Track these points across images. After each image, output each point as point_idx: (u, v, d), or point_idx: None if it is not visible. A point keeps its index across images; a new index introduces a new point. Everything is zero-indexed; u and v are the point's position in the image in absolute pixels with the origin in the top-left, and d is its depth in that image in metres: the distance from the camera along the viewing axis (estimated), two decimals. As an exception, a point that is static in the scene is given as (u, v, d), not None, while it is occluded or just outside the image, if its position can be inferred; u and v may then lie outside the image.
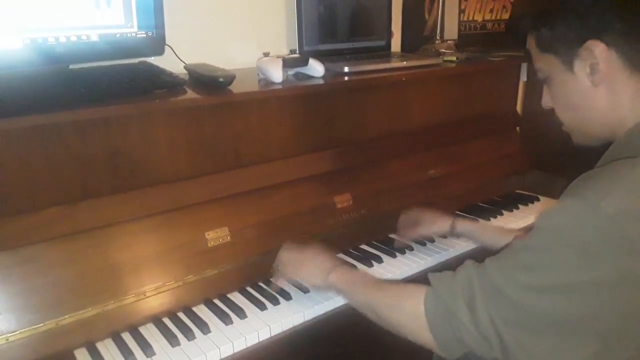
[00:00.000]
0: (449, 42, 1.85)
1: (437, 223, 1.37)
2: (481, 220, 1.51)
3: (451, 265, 1.20)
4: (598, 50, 0.80)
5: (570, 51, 0.83)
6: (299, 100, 1.35)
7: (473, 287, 0.80)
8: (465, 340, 0.80)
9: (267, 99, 1.29)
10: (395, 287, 0.96)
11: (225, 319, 1.08)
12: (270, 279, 1.21)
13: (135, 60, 1.24)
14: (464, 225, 1.35)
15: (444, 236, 1.41)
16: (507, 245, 0.88)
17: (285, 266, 1.15)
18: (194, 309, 1.12)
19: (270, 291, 1.18)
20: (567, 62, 0.84)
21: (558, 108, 0.91)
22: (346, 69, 1.44)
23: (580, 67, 0.83)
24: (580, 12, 0.81)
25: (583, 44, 0.81)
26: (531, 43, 0.90)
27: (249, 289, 1.19)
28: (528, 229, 1.15)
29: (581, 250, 0.72)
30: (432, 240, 1.42)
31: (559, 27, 0.83)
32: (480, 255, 1.00)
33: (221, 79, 1.21)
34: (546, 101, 0.93)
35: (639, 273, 0.72)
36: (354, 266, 1.27)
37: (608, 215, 0.70)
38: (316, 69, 1.39)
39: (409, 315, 0.87)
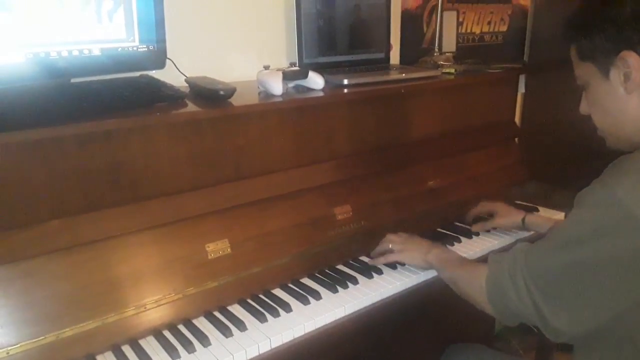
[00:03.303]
0: (447, 54, 1.87)
1: (511, 216, 1.53)
2: (547, 214, 1.63)
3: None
4: (631, 60, 0.87)
5: (607, 60, 0.90)
6: (299, 112, 1.36)
7: (516, 264, 0.94)
8: (513, 309, 0.94)
9: (267, 111, 1.30)
10: (472, 266, 1.13)
11: (225, 331, 1.08)
12: (369, 259, 1.36)
13: (137, 74, 1.25)
14: (533, 219, 1.50)
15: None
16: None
17: (392, 250, 1.32)
18: (194, 321, 1.12)
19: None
20: (604, 70, 0.92)
21: (594, 113, 0.98)
22: (345, 82, 1.46)
23: (615, 75, 0.91)
24: (618, 24, 0.88)
25: (618, 54, 0.88)
26: (572, 52, 0.98)
27: (249, 301, 1.19)
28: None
29: (597, 232, 0.83)
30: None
31: (597, 38, 0.91)
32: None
33: (222, 92, 1.21)
34: (584, 107, 1.00)
35: None
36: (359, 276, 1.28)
37: (620, 199, 0.80)
38: (316, 81, 1.40)
39: (477, 290, 1.03)
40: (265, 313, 1.14)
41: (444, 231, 1.56)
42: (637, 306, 0.85)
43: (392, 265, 1.33)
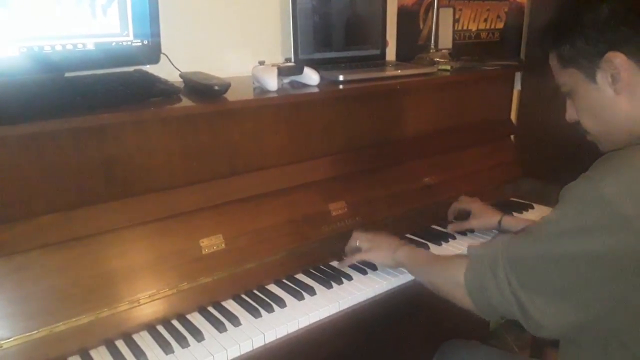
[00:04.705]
0: (443, 51, 1.87)
1: (487, 217, 1.50)
2: (525, 216, 1.63)
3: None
4: (618, 60, 0.86)
5: (592, 64, 0.89)
6: (293, 108, 1.36)
7: (497, 256, 0.92)
8: (494, 303, 0.92)
9: (262, 107, 1.30)
10: (445, 260, 1.10)
11: (219, 326, 1.08)
12: (337, 263, 1.34)
13: (131, 69, 1.25)
14: (509, 221, 1.47)
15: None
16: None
17: (359, 248, 1.29)
18: (188, 316, 1.12)
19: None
20: (590, 74, 0.90)
21: (583, 119, 0.96)
22: (341, 78, 1.45)
23: (603, 78, 0.89)
24: (598, 27, 0.87)
25: (603, 56, 0.87)
26: (553, 60, 0.96)
27: (243, 297, 1.19)
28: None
29: (582, 227, 0.82)
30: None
31: (579, 43, 0.89)
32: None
33: (216, 87, 1.21)
34: (570, 114, 0.99)
35: (636, 248, 0.79)
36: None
37: (605, 195, 0.79)
38: (311, 77, 1.40)
39: (454, 285, 1.00)
40: (260, 308, 1.14)
41: (439, 228, 1.56)
42: (622, 305, 0.84)
43: (373, 267, 1.31)
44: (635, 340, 0.87)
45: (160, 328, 1.08)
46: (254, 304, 1.16)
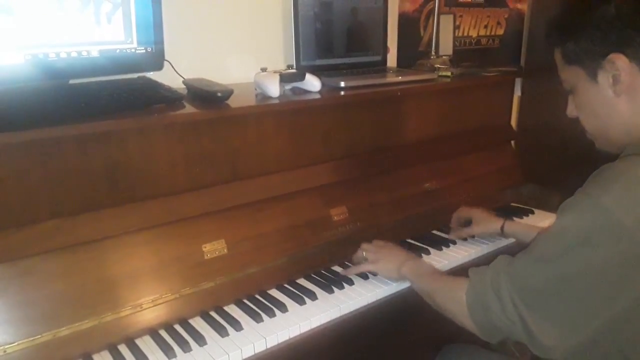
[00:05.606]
0: (444, 57, 1.88)
1: (489, 223, 1.49)
2: (525, 221, 1.62)
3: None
4: (620, 62, 0.86)
5: (594, 63, 0.89)
6: (295, 114, 1.37)
7: (500, 277, 0.91)
8: (497, 325, 0.91)
9: (264, 113, 1.31)
10: (449, 279, 1.10)
11: (221, 330, 1.08)
12: (342, 270, 1.34)
13: (135, 76, 1.26)
14: (512, 226, 1.47)
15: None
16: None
17: (366, 259, 1.29)
18: (190, 321, 1.13)
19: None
20: (592, 74, 0.90)
21: (582, 116, 0.97)
22: (342, 84, 1.47)
23: (604, 78, 0.89)
24: (603, 27, 0.87)
25: (606, 56, 0.87)
26: (557, 55, 0.96)
27: (245, 301, 1.20)
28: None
29: (584, 241, 0.81)
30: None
31: (583, 41, 0.90)
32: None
33: (219, 94, 1.22)
34: (571, 110, 0.99)
35: (636, 260, 0.79)
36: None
37: (606, 208, 0.79)
38: (313, 83, 1.41)
39: (456, 304, 0.99)
40: (261, 313, 1.14)
41: (440, 234, 1.57)
42: (625, 316, 0.84)
43: (373, 272, 1.32)
44: (635, 352, 0.87)
45: (163, 333, 1.09)
46: (255, 308, 1.17)
